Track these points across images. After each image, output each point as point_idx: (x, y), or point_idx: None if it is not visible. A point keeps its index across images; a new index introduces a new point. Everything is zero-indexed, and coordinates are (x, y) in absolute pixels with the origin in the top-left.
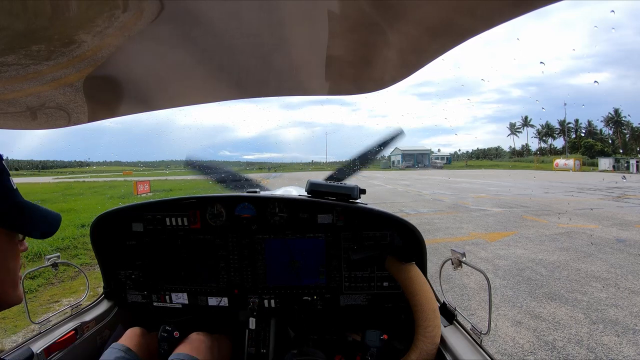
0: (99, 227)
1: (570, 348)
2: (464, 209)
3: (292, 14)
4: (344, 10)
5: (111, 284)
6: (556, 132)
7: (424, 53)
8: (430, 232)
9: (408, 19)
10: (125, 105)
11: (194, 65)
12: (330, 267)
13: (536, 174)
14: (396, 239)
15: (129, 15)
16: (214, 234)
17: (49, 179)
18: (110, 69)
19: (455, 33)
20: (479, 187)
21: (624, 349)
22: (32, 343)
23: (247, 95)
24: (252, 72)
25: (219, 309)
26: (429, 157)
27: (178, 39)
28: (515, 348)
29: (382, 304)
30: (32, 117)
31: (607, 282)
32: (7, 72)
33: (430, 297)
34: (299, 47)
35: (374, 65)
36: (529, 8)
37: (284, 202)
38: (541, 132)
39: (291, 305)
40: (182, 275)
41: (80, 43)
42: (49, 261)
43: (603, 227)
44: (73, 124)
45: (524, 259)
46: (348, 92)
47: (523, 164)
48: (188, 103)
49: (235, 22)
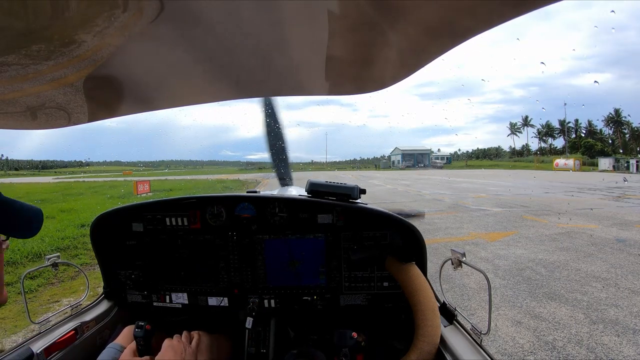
0: (99, 227)
1: (570, 348)
2: (464, 208)
3: (292, 14)
4: (343, 10)
5: (111, 284)
6: (556, 132)
7: (424, 53)
8: (430, 232)
9: (408, 18)
10: (125, 105)
11: (193, 65)
12: (330, 267)
13: (536, 174)
14: (396, 239)
15: (129, 15)
16: (214, 234)
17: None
18: (111, 69)
19: (455, 33)
20: (479, 187)
21: (624, 348)
22: (32, 343)
23: (247, 95)
24: (252, 72)
25: (219, 309)
26: (429, 157)
27: (178, 39)
28: (515, 348)
29: (382, 304)
30: (32, 117)
31: (607, 282)
32: (7, 72)
33: (430, 297)
34: (299, 47)
35: (374, 65)
36: (529, 8)
37: (284, 202)
38: (541, 132)
39: (291, 305)
40: (182, 275)
41: (80, 43)
42: (49, 261)
43: (603, 227)
44: (73, 124)
45: (524, 259)
46: (348, 92)
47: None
48: (188, 103)
49: (235, 22)
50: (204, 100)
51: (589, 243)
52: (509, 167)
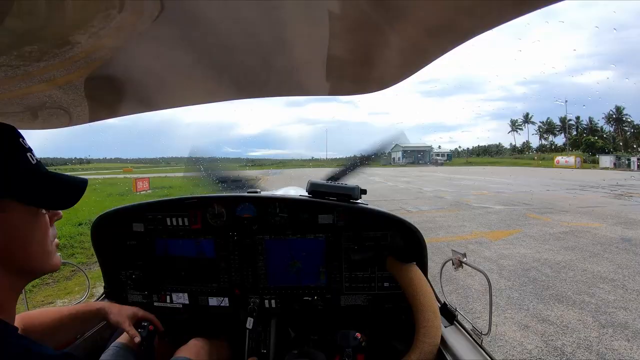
0: (99, 227)
1: (579, 354)
2: (465, 206)
3: (292, 14)
4: (344, 10)
5: (112, 284)
6: (557, 129)
7: (425, 53)
8: (432, 231)
9: (409, 18)
10: (126, 105)
11: (194, 65)
12: (331, 268)
13: (537, 172)
14: (397, 239)
15: (129, 15)
16: (214, 234)
17: None
18: (111, 69)
19: (456, 33)
20: (481, 185)
21: (635, 354)
22: None
23: (247, 95)
24: (252, 72)
25: (220, 309)
26: (429, 153)
27: (178, 39)
28: (523, 354)
29: (383, 304)
30: (33, 117)
31: (615, 284)
32: (7, 72)
33: (430, 297)
34: (300, 47)
35: (374, 65)
36: (531, 8)
37: (285, 203)
38: (542, 129)
39: (292, 305)
40: (182, 275)
41: (80, 43)
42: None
43: (607, 226)
44: (74, 124)
45: (529, 259)
46: (348, 93)
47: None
48: (189, 103)
49: (235, 22)
50: (204, 100)
51: (594, 242)
52: (510, 165)
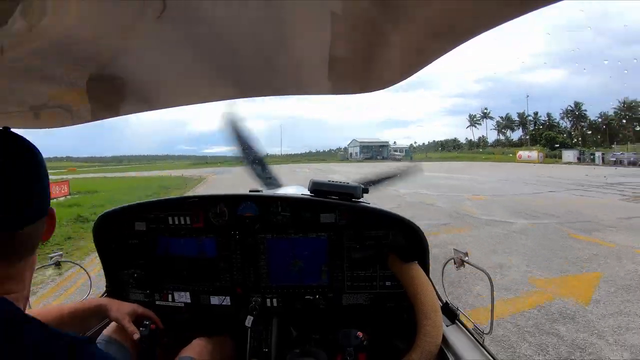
0: (102, 226)
1: None
2: (472, 220)
3: (294, 13)
4: (345, 9)
5: (114, 283)
6: (515, 124)
7: (425, 53)
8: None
9: (410, 18)
10: (127, 104)
11: (195, 64)
12: (332, 267)
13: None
14: (399, 238)
15: (130, 15)
16: (216, 233)
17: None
18: (112, 69)
19: (457, 33)
20: (467, 185)
21: None
22: None
23: (248, 94)
24: (253, 71)
25: (221, 308)
26: (387, 149)
27: (180, 38)
28: None
29: (384, 303)
30: (34, 117)
31: None
32: (7, 72)
33: (432, 296)
34: (301, 46)
35: (375, 65)
36: (531, 7)
37: (287, 202)
38: (501, 124)
39: (294, 304)
40: (184, 274)
41: (81, 42)
42: (52, 260)
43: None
44: (75, 123)
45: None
46: (349, 92)
47: (483, 155)
48: (189, 103)
49: (236, 21)
50: (204, 99)
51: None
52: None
